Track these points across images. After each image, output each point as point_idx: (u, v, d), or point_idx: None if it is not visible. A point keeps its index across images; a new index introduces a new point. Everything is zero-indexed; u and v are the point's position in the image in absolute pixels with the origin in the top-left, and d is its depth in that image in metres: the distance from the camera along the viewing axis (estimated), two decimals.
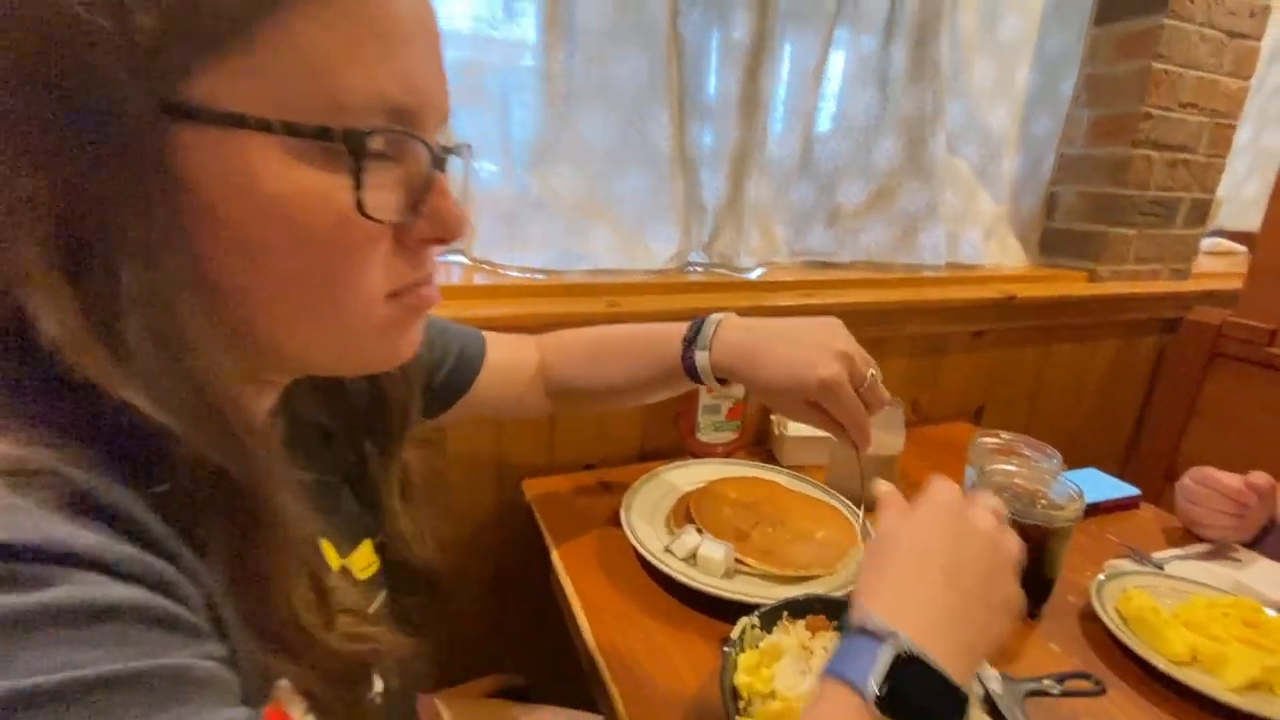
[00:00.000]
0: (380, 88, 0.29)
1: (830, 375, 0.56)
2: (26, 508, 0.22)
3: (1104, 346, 1.44)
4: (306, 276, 0.31)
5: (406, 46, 0.30)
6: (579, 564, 0.74)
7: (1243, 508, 0.81)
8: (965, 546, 0.41)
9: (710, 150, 1.04)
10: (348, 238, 0.30)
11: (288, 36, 0.26)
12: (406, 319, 0.36)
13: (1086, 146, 1.37)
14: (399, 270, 0.34)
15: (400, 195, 0.32)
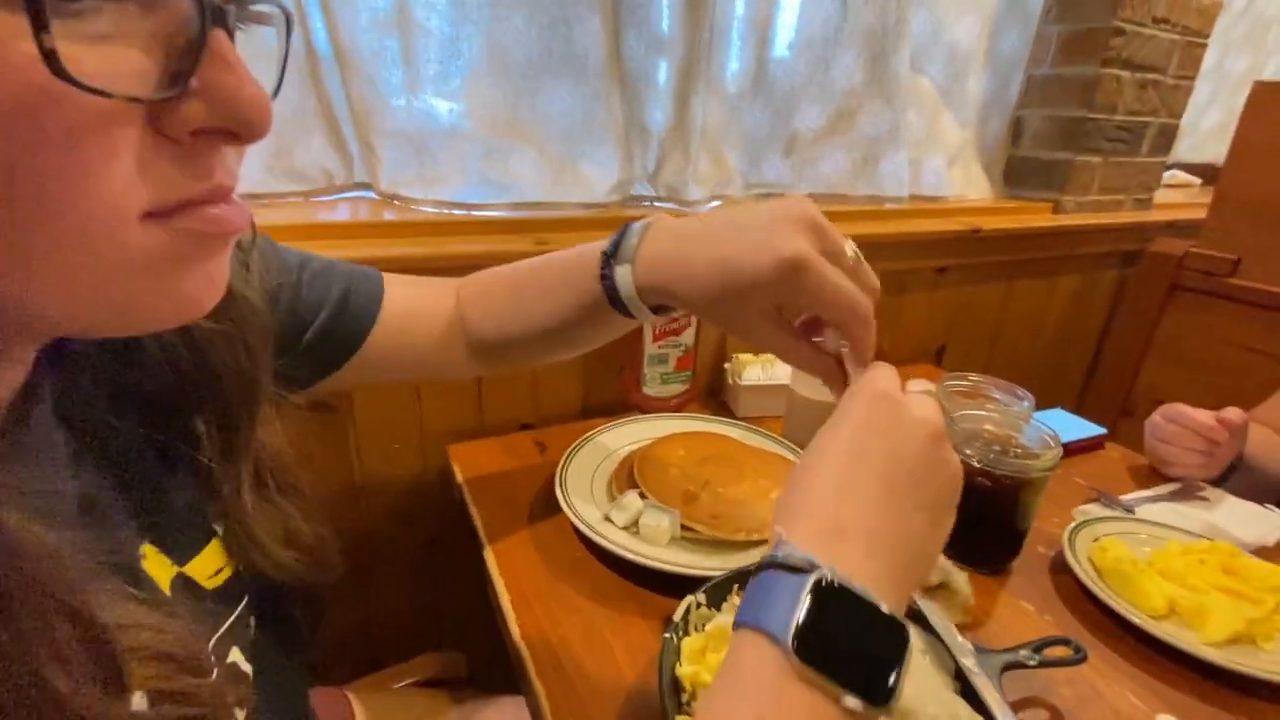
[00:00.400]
0: None
1: (794, 251, 0.38)
2: None
3: (1065, 281, 1.39)
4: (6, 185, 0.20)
5: None
6: (508, 539, 0.65)
7: (1213, 445, 0.77)
8: (908, 442, 0.33)
9: (651, 63, 0.91)
10: (52, 119, 0.20)
11: None
12: (186, 250, 0.25)
13: (1055, 66, 1.28)
14: (164, 176, 0.24)
15: (150, 57, 0.22)
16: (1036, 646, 0.50)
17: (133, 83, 0.21)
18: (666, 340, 0.87)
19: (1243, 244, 1.24)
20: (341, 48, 0.75)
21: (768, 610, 0.28)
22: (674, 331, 0.87)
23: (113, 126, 0.21)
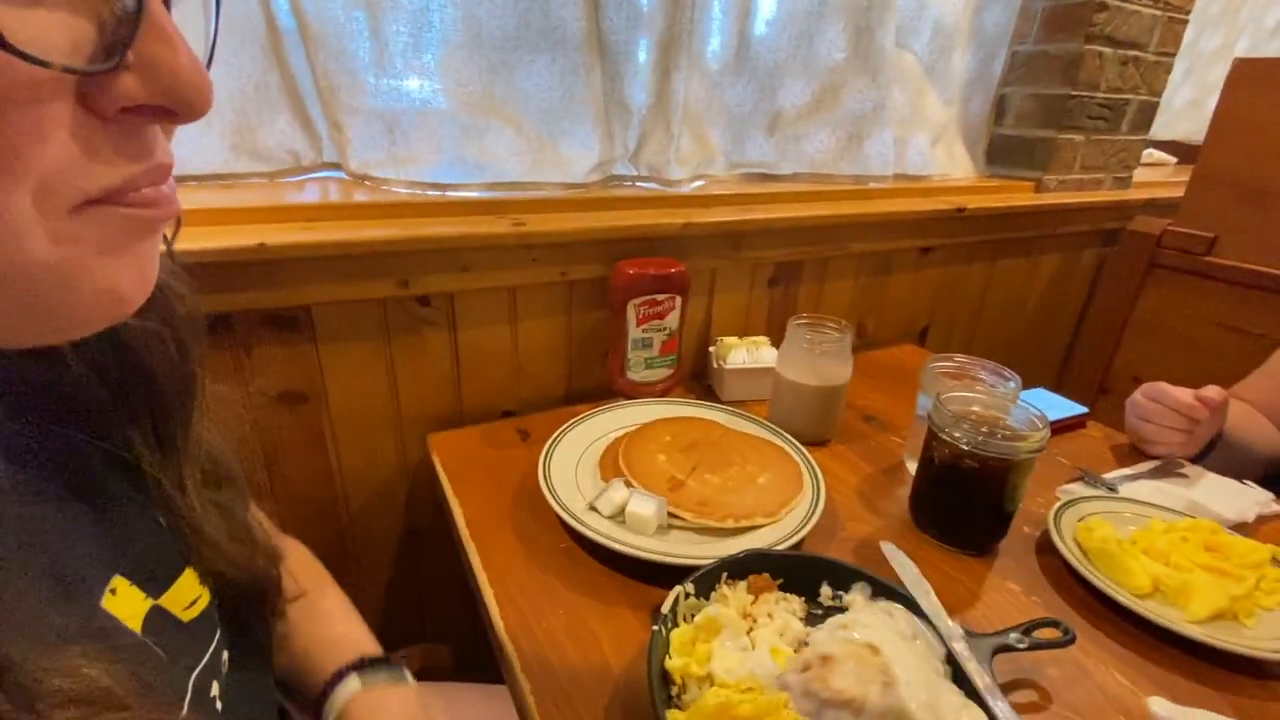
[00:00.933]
0: None
1: None
2: None
3: (1047, 260, 1.40)
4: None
5: None
6: (491, 530, 0.64)
7: (1194, 423, 0.78)
8: None
9: (631, 38, 0.88)
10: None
11: None
12: (115, 239, 0.23)
13: (1039, 42, 1.27)
14: (98, 157, 0.22)
15: (80, 27, 0.20)
16: (1025, 629, 0.50)
17: (68, 53, 0.19)
18: (650, 324, 0.86)
19: (1220, 222, 1.25)
20: (305, 20, 0.71)
21: None
22: (658, 315, 0.85)
23: (45, 101, 0.19)
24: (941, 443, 0.62)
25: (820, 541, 0.64)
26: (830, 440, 0.82)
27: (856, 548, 0.64)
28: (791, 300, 1.07)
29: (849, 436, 0.84)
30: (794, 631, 0.49)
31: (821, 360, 0.78)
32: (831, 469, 0.75)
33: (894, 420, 0.88)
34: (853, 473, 0.76)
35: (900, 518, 0.68)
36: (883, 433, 0.85)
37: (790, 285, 1.06)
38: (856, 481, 0.75)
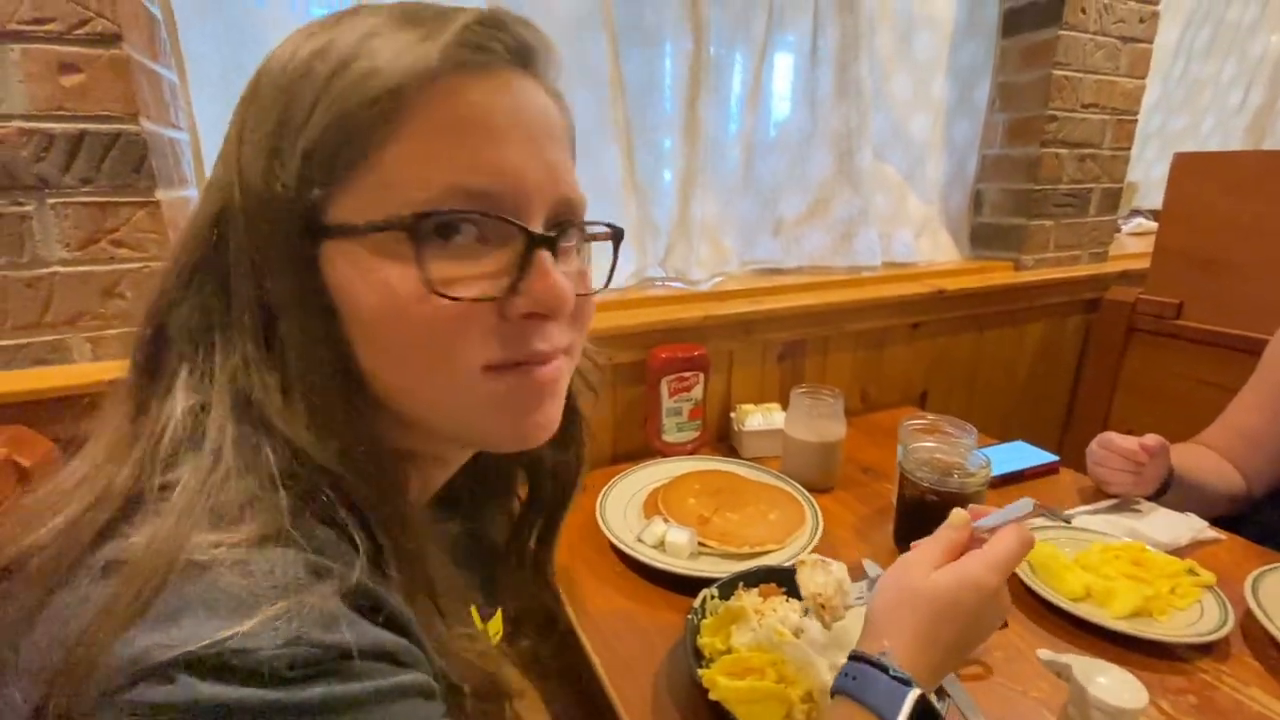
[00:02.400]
0: (457, 180, 0.33)
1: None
2: (346, 614, 0.29)
3: (1033, 329, 1.57)
4: (409, 352, 0.35)
5: (494, 141, 0.34)
6: (561, 558, 0.82)
7: (1139, 466, 0.92)
8: (980, 625, 0.48)
9: (658, 174, 1.14)
10: (432, 314, 0.34)
11: (380, 160, 0.33)
12: (518, 396, 0.38)
13: (1003, 147, 1.50)
14: (501, 345, 0.36)
15: (494, 274, 0.35)
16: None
17: (474, 289, 0.34)
18: (680, 396, 1.06)
19: (1183, 290, 1.41)
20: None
21: (883, 702, 0.43)
22: (686, 389, 1.06)
23: (470, 317, 0.35)
24: (910, 482, 0.80)
25: None
26: (833, 488, 1.00)
27: (848, 568, 0.80)
28: (799, 372, 1.27)
29: (849, 485, 1.01)
30: (793, 621, 0.66)
31: (819, 421, 0.97)
32: (831, 510, 0.92)
33: (888, 471, 1.05)
34: (850, 512, 0.93)
35: (886, 545, 0.85)
36: (878, 481, 1.02)
37: (797, 360, 1.26)
38: (853, 519, 0.92)
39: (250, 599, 0.27)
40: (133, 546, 0.28)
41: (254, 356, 0.34)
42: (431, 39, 0.33)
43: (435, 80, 0.33)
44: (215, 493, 0.30)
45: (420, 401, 0.37)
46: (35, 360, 0.75)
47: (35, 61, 0.68)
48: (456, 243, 0.35)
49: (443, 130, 0.33)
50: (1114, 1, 1.42)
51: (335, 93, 0.32)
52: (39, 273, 0.73)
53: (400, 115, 0.33)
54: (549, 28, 1.09)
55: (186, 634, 0.25)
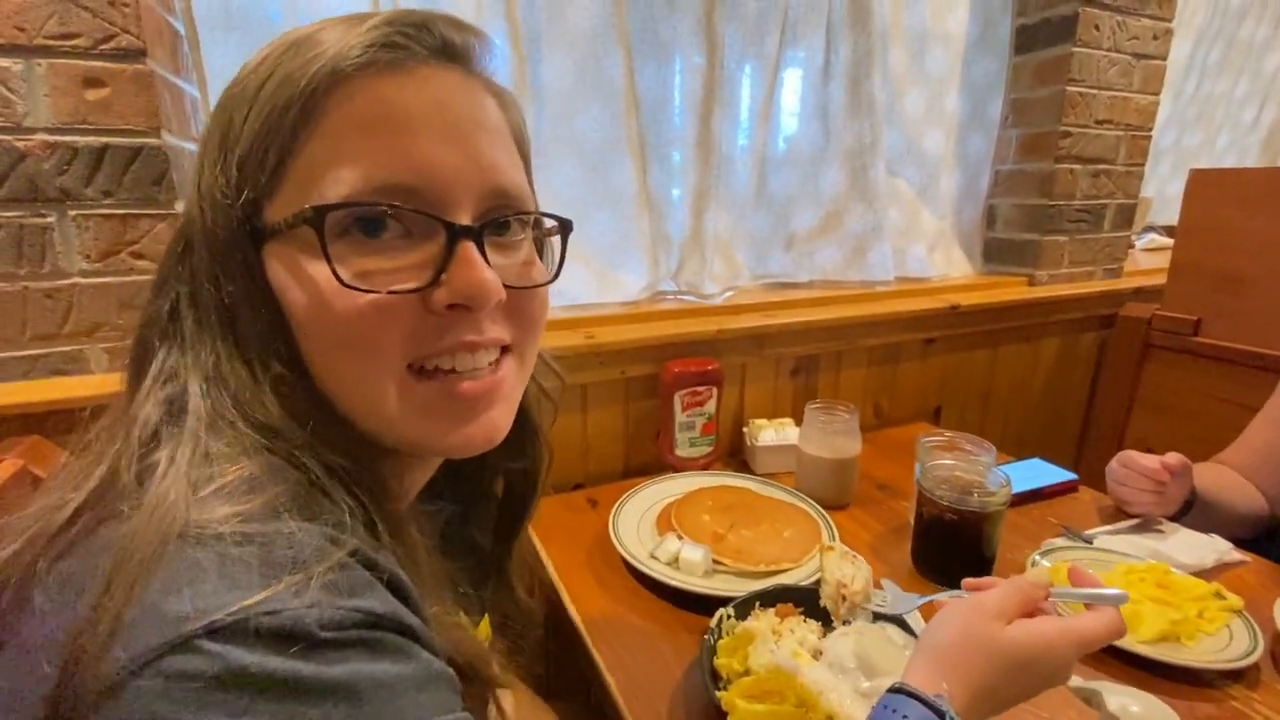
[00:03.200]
0: (369, 175, 0.34)
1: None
2: (368, 580, 0.29)
3: (1048, 344, 1.55)
4: (336, 349, 0.36)
5: (408, 135, 0.35)
6: (573, 575, 0.82)
7: (1160, 485, 0.91)
8: (1036, 690, 0.47)
9: (670, 188, 1.14)
10: (350, 308, 0.34)
11: (301, 162, 0.35)
12: (447, 403, 0.38)
13: (1017, 163, 1.50)
14: (424, 339, 0.36)
15: (416, 267, 0.35)
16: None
17: (389, 282, 0.35)
18: (693, 410, 1.06)
19: (1201, 307, 1.40)
20: None
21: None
22: (699, 403, 1.05)
23: (390, 311, 0.35)
24: (929, 500, 0.79)
25: None
26: (848, 504, 0.98)
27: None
28: (812, 387, 1.26)
29: (864, 502, 1.00)
30: (811, 643, 0.64)
31: (834, 437, 0.96)
32: (847, 527, 0.91)
33: (904, 488, 1.03)
34: (866, 530, 0.92)
35: (904, 565, 0.83)
36: (894, 499, 1.01)
37: (810, 375, 1.25)
38: (869, 537, 0.90)
39: (271, 568, 0.27)
40: (133, 522, 0.28)
41: (224, 350, 0.35)
42: (345, 40, 0.35)
43: (348, 80, 0.34)
44: (201, 467, 0.31)
45: (348, 397, 0.37)
46: (53, 371, 0.75)
47: (61, 75, 0.69)
48: (382, 239, 0.35)
49: (356, 127, 0.34)
50: (1127, 19, 1.42)
51: (261, 100, 0.35)
52: (59, 284, 0.73)
53: (316, 116, 0.34)
54: (563, 41, 1.10)
55: (211, 603, 0.25)
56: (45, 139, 0.70)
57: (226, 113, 0.36)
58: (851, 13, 1.20)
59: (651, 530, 0.87)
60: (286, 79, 0.34)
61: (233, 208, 0.35)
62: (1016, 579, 0.51)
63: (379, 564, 0.31)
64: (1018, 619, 0.48)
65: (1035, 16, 1.41)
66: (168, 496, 0.29)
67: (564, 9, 0.99)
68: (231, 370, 0.35)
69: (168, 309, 0.37)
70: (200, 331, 0.36)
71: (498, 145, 0.39)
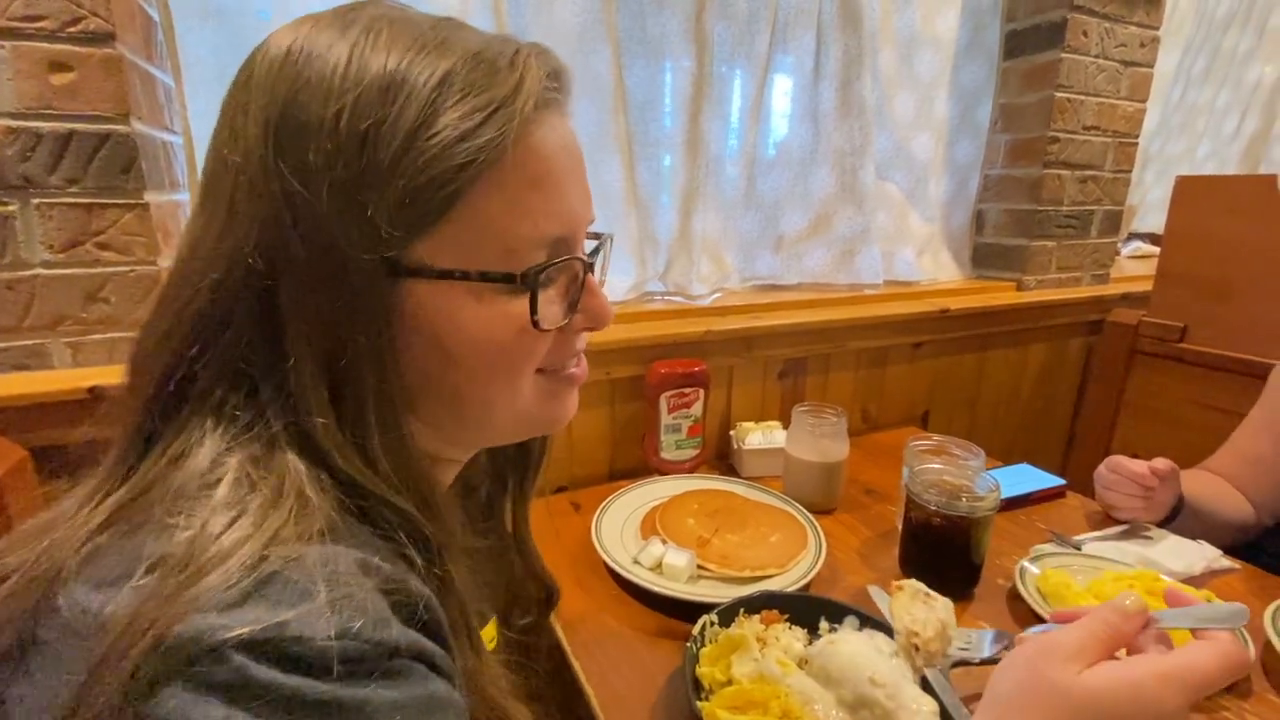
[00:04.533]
0: (542, 231, 0.38)
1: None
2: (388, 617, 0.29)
3: (1035, 350, 1.55)
4: (496, 371, 0.40)
5: (561, 189, 0.39)
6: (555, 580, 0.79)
7: (1149, 490, 0.90)
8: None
9: (659, 189, 1.12)
10: (526, 344, 0.40)
11: (472, 210, 0.35)
12: (562, 389, 0.45)
13: (1005, 167, 1.50)
14: (556, 353, 0.43)
15: (563, 302, 0.41)
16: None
17: (558, 319, 0.41)
18: (679, 412, 1.04)
19: (1187, 313, 1.40)
20: None
21: None
22: (685, 405, 1.04)
23: (547, 340, 0.41)
24: (917, 505, 0.77)
25: (822, 588, 0.78)
26: (835, 509, 0.97)
27: (853, 594, 0.77)
28: (800, 390, 1.25)
29: (851, 506, 0.98)
30: (797, 651, 0.63)
31: (822, 440, 0.95)
32: (834, 532, 0.90)
33: (892, 493, 1.02)
34: (853, 535, 0.91)
35: (891, 570, 0.82)
36: (881, 504, 1.00)
37: (798, 378, 1.24)
38: (856, 542, 0.89)
39: (305, 590, 0.28)
40: (176, 541, 0.28)
41: (314, 396, 0.34)
42: (513, 100, 0.35)
43: (520, 140, 0.35)
44: (276, 511, 0.31)
45: (493, 407, 0.41)
46: (14, 365, 0.72)
47: (25, 59, 0.66)
48: (551, 288, 0.40)
49: (526, 185, 0.37)
50: (1115, 25, 1.42)
51: (426, 152, 0.33)
52: (20, 275, 0.70)
53: (488, 172, 0.35)
54: (552, 38, 1.08)
55: (244, 617, 0.26)
56: (8, 124, 0.67)
57: (358, 135, 0.32)
58: (842, 15, 1.20)
59: (635, 535, 0.86)
60: (465, 135, 0.34)
61: (378, 246, 0.33)
62: (1104, 609, 0.42)
63: (415, 593, 0.32)
64: (1102, 661, 0.39)
65: (1024, 22, 1.42)
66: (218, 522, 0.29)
67: (552, 5, 0.98)
68: (321, 413, 0.34)
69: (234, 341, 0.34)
70: (288, 373, 0.34)
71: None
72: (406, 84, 0.33)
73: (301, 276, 0.33)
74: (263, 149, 0.33)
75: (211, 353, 0.34)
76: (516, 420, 0.43)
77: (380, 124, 0.32)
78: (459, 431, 0.43)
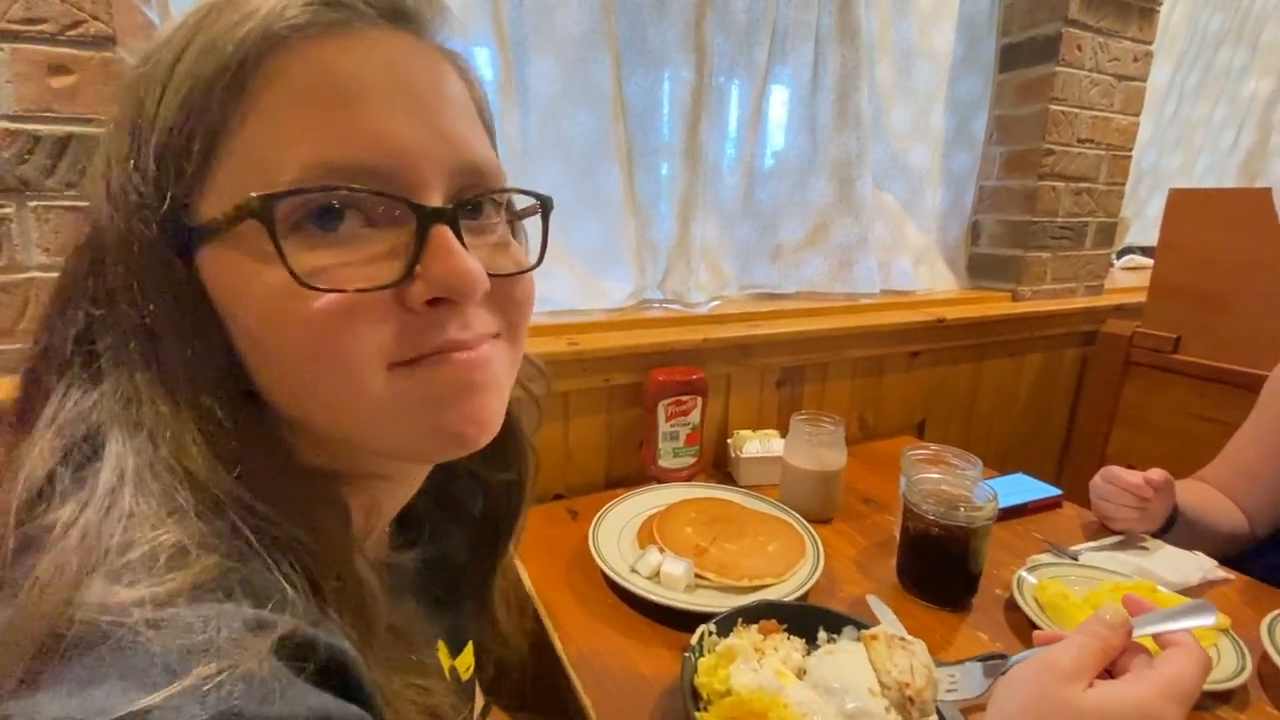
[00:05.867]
0: (313, 154, 0.29)
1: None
2: (284, 677, 0.24)
3: (1031, 360, 1.56)
4: (299, 359, 0.30)
5: (353, 108, 0.30)
6: (551, 589, 0.79)
7: (1144, 501, 0.90)
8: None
9: (658, 197, 1.13)
10: (312, 311, 0.29)
11: (236, 144, 0.29)
12: (434, 389, 0.33)
13: (1001, 179, 1.51)
14: (406, 338, 0.31)
15: (385, 259, 0.31)
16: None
17: (357, 278, 0.30)
18: (677, 420, 1.04)
19: (1180, 325, 1.41)
20: None
21: None
22: (683, 413, 1.04)
23: (358, 309, 0.30)
24: (914, 515, 0.77)
25: (820, 598, 0.78)
26: (833, 518, 0.97)
27: (851, 604, 0.77)
28: (797, 398, 1.25)
29: (849, 516, 0.98)
30: (795, 661, 0.62)
31: (820, 449, 0.95)
32: (832, 541, 0.89)
33: (890, 502, 1.02)
34: (850, 545, 0.90)
35: (889, 581, 0.82)
36: (879, 513, 1.00)
37: (795, 386, 1.24)
38: (854, 552, 0.89)
39: (177, 663, 0.23)
40: (17, 604, 0.24)
41: (144, 384, 0.30)
42: (276, 1, 0.29)
43: (285, 44, 0.29)
44: (116, 532, 0.26)
45: (323, 413, 0.32)
46: (7, 369, 0.72)
47: (24, 61, 0.66)
48: (341, 230, 0.30)
49: (300, 101, 0.29)
50: (1109, 40, 1.44)
51: (179, 76, 0.29)
52: (15, 278, 0.70)
53: (249, 89, 0.29)
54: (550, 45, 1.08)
55: (102, 703, 0.21)
56: (6, 126, 0.67)
57: (134, 96, 0.30)
58: (840, 27, 1.21)
59: (633, 543, 0.85)
60: (209, 48, 0.29)
61: (152, 209, 0.29)
62: (1091, 624, 0.42)
63: (316, 645, 0.26)
64: (1099, 675, 0.40)
65: (1019, 36, 1.43)
66: (63, 572, 0.24)
67: (552, 13, 0.98)
68: (153, 409, 0.29)
69: (73, 336, 0.31)
70: (116, 363, 0.30)
71: (462, 116, 0.34)
72: (188, 17, 0.31)
73: (112, 257, 0.31)
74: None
75: (55, 343, 0.32)
76: (387, 427, 0.32)
77: (151, 67, 0.30)
78: (330, 440, 0.34)
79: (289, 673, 0.25)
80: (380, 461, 0.37)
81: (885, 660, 0.53)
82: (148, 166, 0.29)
